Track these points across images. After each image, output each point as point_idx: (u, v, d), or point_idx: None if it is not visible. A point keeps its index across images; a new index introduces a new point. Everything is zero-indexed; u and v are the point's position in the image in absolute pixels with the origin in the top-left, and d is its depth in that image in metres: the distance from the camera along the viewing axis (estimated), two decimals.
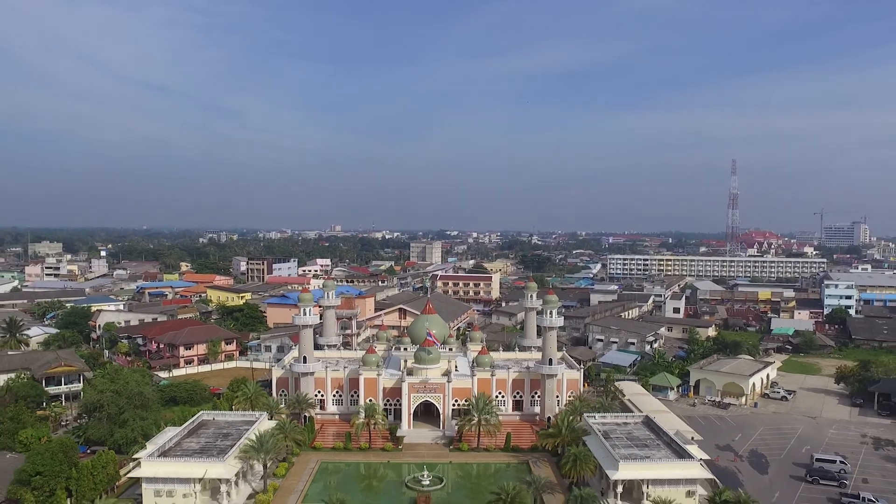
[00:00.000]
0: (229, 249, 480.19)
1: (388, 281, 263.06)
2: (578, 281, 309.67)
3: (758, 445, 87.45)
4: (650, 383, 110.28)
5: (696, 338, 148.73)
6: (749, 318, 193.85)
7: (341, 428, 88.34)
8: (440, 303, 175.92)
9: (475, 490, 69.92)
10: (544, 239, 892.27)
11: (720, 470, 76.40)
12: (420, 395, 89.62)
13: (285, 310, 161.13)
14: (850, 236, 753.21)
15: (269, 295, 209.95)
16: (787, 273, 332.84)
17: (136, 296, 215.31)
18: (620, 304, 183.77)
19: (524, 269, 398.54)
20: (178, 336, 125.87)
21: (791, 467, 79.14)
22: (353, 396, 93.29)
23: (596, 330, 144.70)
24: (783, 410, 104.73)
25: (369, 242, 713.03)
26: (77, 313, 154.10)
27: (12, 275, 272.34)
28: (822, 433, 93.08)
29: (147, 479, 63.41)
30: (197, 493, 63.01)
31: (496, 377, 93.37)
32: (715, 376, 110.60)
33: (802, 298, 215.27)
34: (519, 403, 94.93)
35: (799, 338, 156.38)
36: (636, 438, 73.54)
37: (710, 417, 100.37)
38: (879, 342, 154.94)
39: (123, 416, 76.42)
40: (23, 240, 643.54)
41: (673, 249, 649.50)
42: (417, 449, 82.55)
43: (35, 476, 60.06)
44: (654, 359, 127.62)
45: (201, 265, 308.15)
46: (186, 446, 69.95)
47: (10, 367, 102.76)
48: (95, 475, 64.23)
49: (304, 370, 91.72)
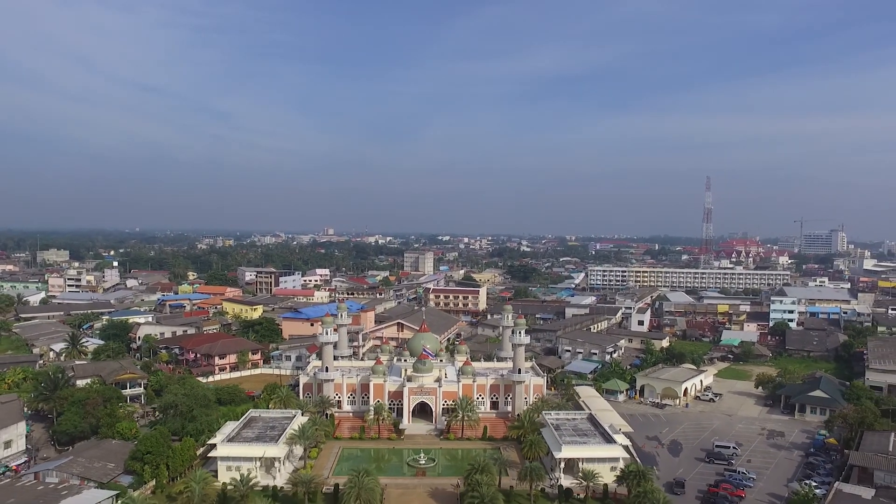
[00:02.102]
0: (231, 258, 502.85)
1: (385, 293, 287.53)
2: (560, 292, 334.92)
3: (678, 436, 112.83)
4: (603, 387, 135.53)
5: (651, 348, 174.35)
6: (705, 329, 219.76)
7: (355, 423, 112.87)
8: (432, 317, 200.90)
9: (458, 466, 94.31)
10: (533, 244, 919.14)
11: (644, 453, 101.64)
12: (417, 397, 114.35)
13: (298, 323, 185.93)
14: (829, 244, 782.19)
15: (280, 307, 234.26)
16: (754, 284, 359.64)
17: (158, 307, 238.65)
18: (591, 318, 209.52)
19: (511, 278, 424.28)
20: (214, 347, 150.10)
21: (698, 452, 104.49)
22: (364, 398, 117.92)
23: (565, 342, 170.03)
24: (708, 410, 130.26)
25: (363, 249, 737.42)
26: (117, 326, 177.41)
27: (36, 285, 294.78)
28: (732, 427, 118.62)
29: (221, 458, 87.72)
30: (257, 468, 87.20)
31: (477, 383, 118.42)
32: (655, 382, 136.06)
33: (756, 312, 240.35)
34: (495, 403, 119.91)
35: (741, 348, 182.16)
36: (579, 429, 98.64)
37: (647, 415, 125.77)
38: (808, 352, 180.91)
39: (193, 413, 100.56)
40: (23, 244, 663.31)
41: (656, 257, 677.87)
42: (415, 438, 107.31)
43: (146, 454, 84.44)
44: (611, 367, 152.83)
45: (211, 276, 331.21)
46: (245, 435, 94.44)
47: (85, 374, 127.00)
48: (183, 455, 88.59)
49: (326, 377, 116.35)
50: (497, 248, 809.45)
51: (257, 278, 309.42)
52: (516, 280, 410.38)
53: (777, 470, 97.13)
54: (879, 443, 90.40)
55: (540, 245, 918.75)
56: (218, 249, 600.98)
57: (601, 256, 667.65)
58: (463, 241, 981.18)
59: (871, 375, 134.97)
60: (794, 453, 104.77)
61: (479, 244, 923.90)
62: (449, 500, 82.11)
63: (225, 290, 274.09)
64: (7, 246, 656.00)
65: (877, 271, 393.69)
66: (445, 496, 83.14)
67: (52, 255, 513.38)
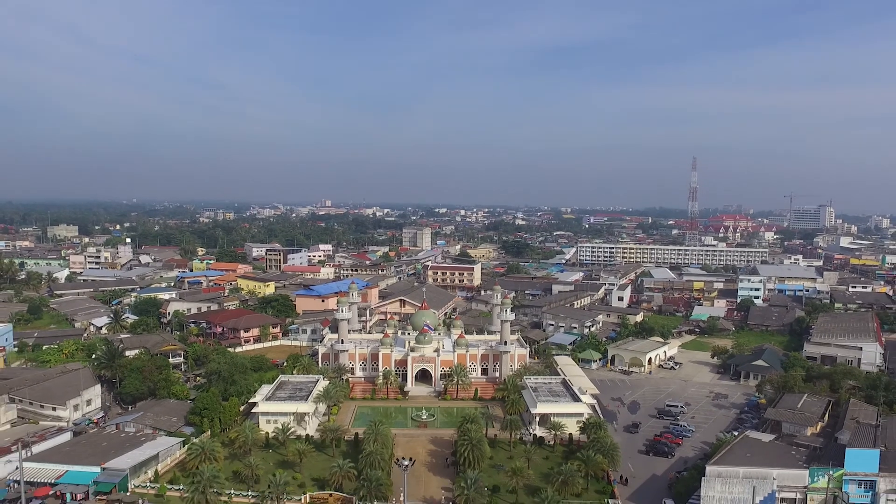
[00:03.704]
0: (235, 233, 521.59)
1: (386, 270, 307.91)
2: (551, 267, 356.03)
3: (639, 398, 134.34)
4: (579, 357, 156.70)
5: (626, 323, 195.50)
6: (679, 304, 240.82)
7: (367, 386, 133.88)
8: (431, 293, 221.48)
9: (453, 421, 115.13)
10: (529, 217, 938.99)
11: (607, 411, 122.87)
12: (419, 364, 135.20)
13: (311, 300, 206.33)
14: (817, 219, 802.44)
15: (290, 283, 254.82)
16: (733, 261, 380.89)
17: (178, 283, 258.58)
18: (574, 294, 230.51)
19: (505, 253, 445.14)
20: (240, 322, 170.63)
21: (652, 410, 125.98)
22: (373, 366, 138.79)
23: (549, 317, 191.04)
24: (668, 376, 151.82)
25: (362, 222, 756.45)
26: (148, 302, 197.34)
27: (58, 262, 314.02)
28: (686, 391, 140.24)
29: (262, 413, 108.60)
30: (290, 420, 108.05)
31: (470, 353, 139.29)
32: (624, 352, 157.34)
33: (728, 289, 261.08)
34: (485, 370, 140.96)
35: (707, 323, 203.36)
36: (553, 391, 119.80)
37: (615, 381, 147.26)
38: (767, 327, 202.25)
39: (233, 378, 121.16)
40: (29, 218, 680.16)
41: (647, 231, 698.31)
42: (418, 399, 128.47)
43: (203, 410, 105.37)
44: (588, 339, 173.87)
45: (221, 253, 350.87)
46: (279, 395, 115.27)
47: (132, 346, 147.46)
48: (230, 411, 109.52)
49: (342, 348, 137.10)
50: (493, 221, 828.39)
51: (267, 255, 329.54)
52: (510, 255, 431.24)
53: (714, 424, 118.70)
54: (793, 402, 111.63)
55: (535, 218, 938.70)
56: (222, 224, 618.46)
57: (594, 231, 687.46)
58: (459, 214, 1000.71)
59: (809, 347, 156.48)
60: (732, 412, 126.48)
61: (476, 217, 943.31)
62: (446, 445, 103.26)
63: (237, 267, 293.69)
64: (13, 220, 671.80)
65: (851, 248, 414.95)
66: (443, 442, 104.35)
67: (62, 230, 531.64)
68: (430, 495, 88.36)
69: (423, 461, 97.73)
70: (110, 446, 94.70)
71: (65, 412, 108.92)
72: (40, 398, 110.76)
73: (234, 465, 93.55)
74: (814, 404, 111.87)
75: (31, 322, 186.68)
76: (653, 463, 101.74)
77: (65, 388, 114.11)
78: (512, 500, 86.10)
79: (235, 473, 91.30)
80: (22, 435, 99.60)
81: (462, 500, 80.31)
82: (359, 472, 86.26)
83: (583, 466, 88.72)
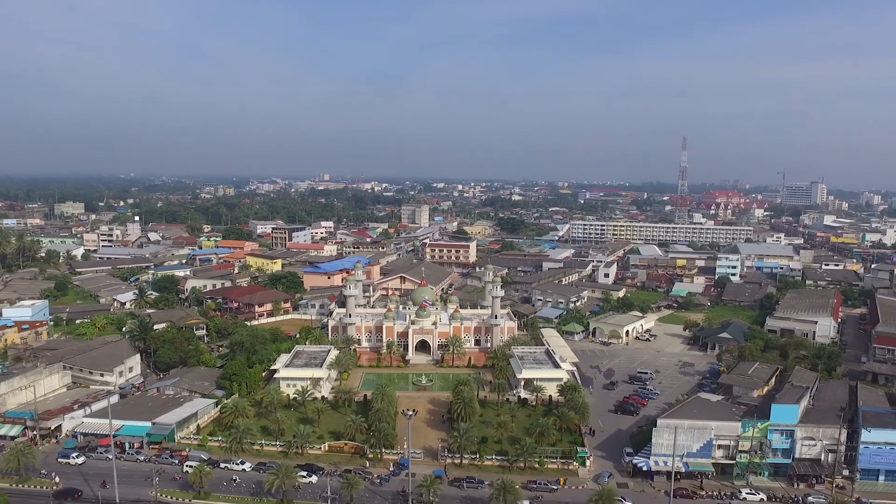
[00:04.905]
0: (238, 210, 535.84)
1: (386, 247, 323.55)
2: (544, 244, 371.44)
3: (614, 366, 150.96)
4: (563, 329, 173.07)
5: (609, 298, 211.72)
6: (662, 281, 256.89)
7: (372, 356, 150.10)
8: (429, 270, 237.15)
9: (449, 385, 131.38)
10: (526, 192, 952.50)
11: (585, 376, 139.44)
12: (419, 336, 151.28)
13: (317, 277, 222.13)
14: (809, 195, 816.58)
15: (296, 261, 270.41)
16: (719, 239, 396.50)
17: (190, 261, 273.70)
18: (563, 271, 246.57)
19: (501, 230, 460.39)
20: (255, 297, 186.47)
21: (625, 376, 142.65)
22: (378, 337, 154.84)
23: (538, 292, 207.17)
24: (643, 347, 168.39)
25: (361, 198, 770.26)
26: (167, 280, 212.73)
27: (72, 240, 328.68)
28: (657, 360, 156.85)
29: (283, 378, 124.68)
30: (307, 384, 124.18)
31: (464, 325, 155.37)
32: (604, 325, 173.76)
33: (709, 266, 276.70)
34: (478, 341, 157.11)
35: (685, 298, 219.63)
36: (537, 359, 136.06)
37: (595, 351, 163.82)
38: (739, 302, 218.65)
39: (255, 348, 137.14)
40: (33, 195, 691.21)
41: (641, 208, 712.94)
42: (418, 366, 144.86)
43: (232, 375, 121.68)
44: (573, 313, 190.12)
45: (227, 231, 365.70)
46: (296, 363, 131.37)
47: (159, 320, 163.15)
48: (255, 376, 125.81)
49: (350, 322, 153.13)
50: (490, 196, 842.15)
51: (273, 233, 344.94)
52: (505, 232, 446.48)
53: (678, 388, 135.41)
54: (745, 369, 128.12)
55: (532, 193, 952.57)
56: (224, 201, 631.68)
57: (588, 207, 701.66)
58: (457, 189, 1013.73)
59: (770, 321, 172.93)
60: (695, 378, 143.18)
61: (473, 192, 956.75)
62: (443, 405, 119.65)
63: (244, 245, 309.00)
64: (18, 196, 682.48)
65: (833, 227, 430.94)
66: (440, 403, 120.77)
67: (69, 207, 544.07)
68: (429, 445, 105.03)
69: (422, 418, 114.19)
70: (155, 406, 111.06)
71: (111, 378, 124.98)
72: (89, 366, 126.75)
73: (262, 422, 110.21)
74: (763, 371, 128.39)
75: (59, 298, 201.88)
76: (620, 420, 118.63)
77: (109, 357, 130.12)
78: (497, 449, 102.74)
79: (263, 428, 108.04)
80: (78, 397, 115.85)
81: (455, 447, 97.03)
82: (369, 426, 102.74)
83: (558, 421, 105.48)
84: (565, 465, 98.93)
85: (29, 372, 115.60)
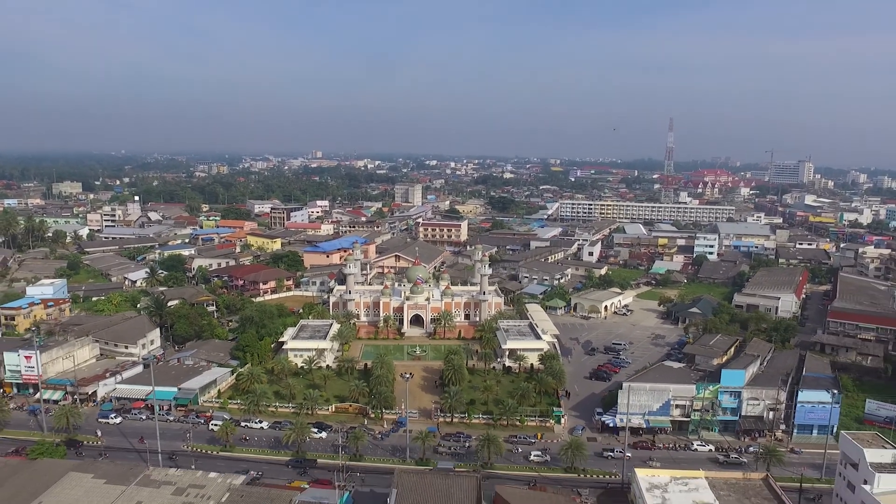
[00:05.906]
0: (235, 189, 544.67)
1: (381, 226, 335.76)
2: (533, 223, 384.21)
3: (592, 338, 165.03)
4: (547, 304, 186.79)
5: (592, 275, 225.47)
6: (643, 259, 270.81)
7: (370, 329, 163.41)
8: (423, 249, 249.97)
9: (441, 355, 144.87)
10: (518, 170, 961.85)
11: (564, 347, 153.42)
12: (413, 310, 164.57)
13: (317, 255, 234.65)
14: (796, 174, 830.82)
15: (294, 240, 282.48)
16: (703, 218, 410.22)
17: (192, 240, 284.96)
18: (549, 250, 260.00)
19: (492, 209, 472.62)
20: (260, 275, 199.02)
21: (601, 347, 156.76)
22: (375, 312, 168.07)
23: (524, 270, 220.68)
24: (620, 321, 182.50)
25: (355, 176, 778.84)
26: (174, 259, 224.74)
27: (76, 220, 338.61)
28: (632, 332, 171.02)
29: (290, 349, 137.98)
30: (313, 355, 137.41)
31: (455, 301, 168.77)
32: (585, 301, 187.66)
33: (689, 245, 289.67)
34: (468, 315, 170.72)
35: (663, 276, 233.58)
36: (521, 332, 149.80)
37: (575, 324, 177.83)
38: (714, 279, 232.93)
39: (263, 322, 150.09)
40: (28, 173, 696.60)
41: (630, 186, 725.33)
42: (412, 338, 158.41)
43: (245, 347, 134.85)
44: (556, 290, 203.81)
45: (226, 211, 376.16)
46: (302, 335, 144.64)
47: (172, 297, 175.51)
48: (265, 348, 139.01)
49: (349, 298, 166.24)
50: (482, 174, 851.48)
51: (272, 213, 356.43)
52: (496, 210, 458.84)
53: (648, 358, 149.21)
54: (708, 340, 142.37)
55: (524, 170, 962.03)
56: (219, 179, 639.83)
57: (578, 185, 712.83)
58: (449, 167, 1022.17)
59: (738, 297, 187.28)
60: (665, 349, 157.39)
61: (465, 170, 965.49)
62: (435, 373, 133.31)
63: (244, 224, 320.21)
64: (13, 175, 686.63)
65: (814, 206, 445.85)
66: (433, 370, 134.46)
67: (66, 186, 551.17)
68: (423, 406, 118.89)
69: (417, 384, 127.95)
70: (178, 374, 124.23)
71: (135, 349, 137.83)
72: (115, 339, 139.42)
73: (274, 387, 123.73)
74: (724, 342, 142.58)
75: (72, 277, 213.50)
76: (594, 385, 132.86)
77: (131, 331, 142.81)
78: (484, 409, 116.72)
79: (276, 393, 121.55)
80: (108, 367, 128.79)
81: (446, 407, 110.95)
82: (370, 390, 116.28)
83: (537, 385, 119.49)
84: (543, 423, 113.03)
85: (64, 344, 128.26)
